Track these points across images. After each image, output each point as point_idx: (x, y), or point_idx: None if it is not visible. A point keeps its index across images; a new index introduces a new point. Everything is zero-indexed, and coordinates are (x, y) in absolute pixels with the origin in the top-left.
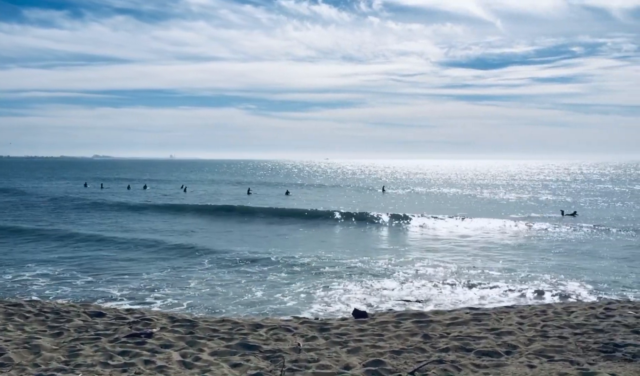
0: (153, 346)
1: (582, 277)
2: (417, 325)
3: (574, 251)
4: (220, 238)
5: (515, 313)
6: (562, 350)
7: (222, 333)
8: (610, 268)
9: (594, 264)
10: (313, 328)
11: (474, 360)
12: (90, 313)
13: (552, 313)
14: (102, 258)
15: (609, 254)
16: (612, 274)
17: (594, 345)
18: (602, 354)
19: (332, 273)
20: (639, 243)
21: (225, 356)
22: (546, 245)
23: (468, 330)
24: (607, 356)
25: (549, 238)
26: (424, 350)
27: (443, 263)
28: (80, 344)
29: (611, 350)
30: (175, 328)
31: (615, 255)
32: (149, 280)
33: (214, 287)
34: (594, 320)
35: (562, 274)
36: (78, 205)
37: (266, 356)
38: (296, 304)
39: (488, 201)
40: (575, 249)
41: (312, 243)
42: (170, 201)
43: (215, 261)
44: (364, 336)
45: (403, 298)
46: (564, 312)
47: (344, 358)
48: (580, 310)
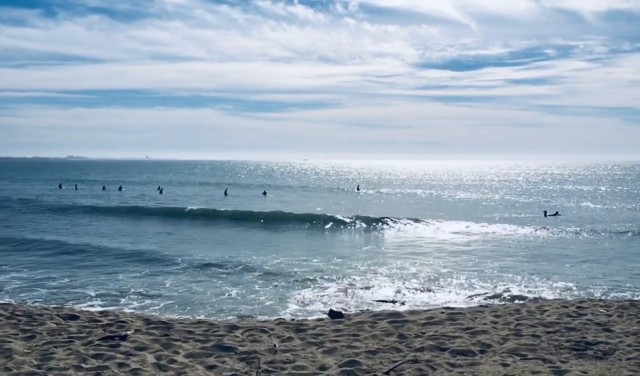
0: (127, 348)
1: (555, 276)
2: (393, 325)
3: (550, 252)
4: (195, 241)
5: (489, 312)
6: (535, 348)
7: (197, 335)
8: (583, 267)
9: (568, 263)
10: (289, 329)
11: (448, 359)
12: (64, 316)
13: (526, 312)
14: (77, 261)
15: (582, 254)
16: (584, 273)
17: (566, 343)
18: (574, 352)
19: (308, 274)
20: (611, 242)
21: (201, 358)
22: (523, 245)
23: (443, 329)
24: (578, 354)
25: (526, 239)
26: (400, 349)
27: (418, 264)
28: (53, 347)
29: (583, 347)
30: (150, 330)
31: (588, 255)
32: (124, 282)
33: (189, 289)
34: (567, 319)
35: (535, 275)
36: (50, 208)
37: (242, 357)
38: (272, 305)
39: (463, 202)
40: (551, 251)
41: (287, 245)
42: (146, 204)
43: (190, 264)
44: (339, 337)
45: (379, 298)
46: (537, 311)
47: (320, 359)
48: (553, 309)
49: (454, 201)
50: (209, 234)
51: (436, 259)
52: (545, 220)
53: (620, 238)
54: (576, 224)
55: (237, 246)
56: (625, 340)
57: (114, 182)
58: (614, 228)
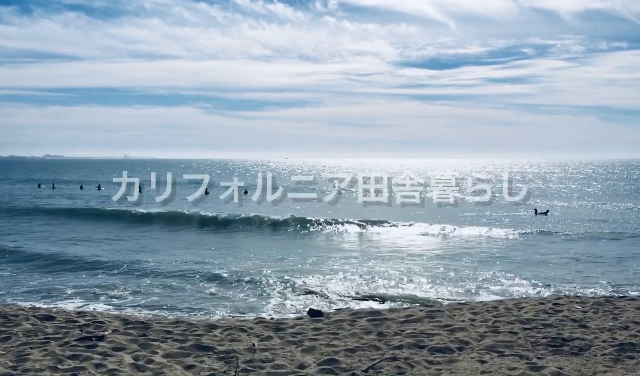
0: (104, 349)
1: (534, 273)
2: (372, 323)
3: (532, 250)
4: (171, 241)
5: (468, 309)
6: (512, 345)
7: (176, 335)
8: (562, 264)
9: (549, 261)
10: (268, 327)
11: (426, 357)
12: (40, 316)
13: (503, 309)
14: (55, 262)
15: (565, 252)
16: (561, 270)
17: (543, 339)
18: (551, 348)
19: (287, 273)
20: (595, 241)
21: (179, 358)
22: (509, 244)
23: (422, 327)
24: (555, 350)
25: (510, 238)
26: (378, 347)
27: (397, 264)
28: (28, 348)
29: (559, 344)
30: (127, 330)
31: (572, 253)
32: (103, 279)
33: (167, 289)
34: (543, 315)
35: (514, 272)
36: (28, 210)
37: (220, 357)
38: (252, 304)
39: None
40: (533, 249)
41: (267, 245)
42: (126, 206)
43: (166, 264)
44: (319, 335)
45: (359, 296)
46: (514, 308)
47: (299, 358)
48: (530, 306)
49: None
50: (186, 236)
51: (415, 259)
52: (535, 219)
53: (604, 237)
54: (563, 222)
55: (211, 247)
56: (601, 335)
57: (91, 182)
58: (600, 227)
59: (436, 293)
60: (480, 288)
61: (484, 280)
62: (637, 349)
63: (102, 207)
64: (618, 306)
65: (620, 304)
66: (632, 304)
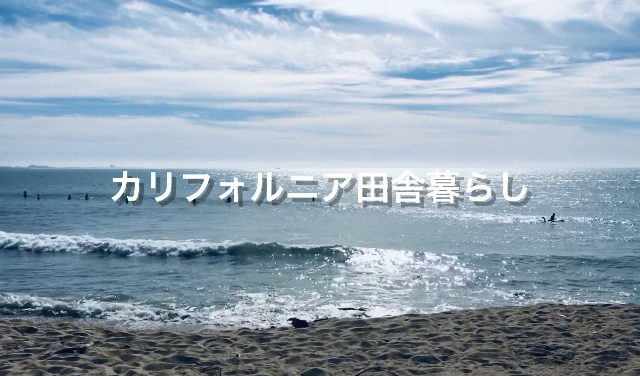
0: (86, 361)
1: (522, 282)
2: (357, 333)
3: (526, 258)
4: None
5: (452, 318)
6: (496, 354)
7: (158, 346)
8: (547, 272)
9: (534, 267)
10: (252, 338)
11: (411, 366)
12: (21, 328)
13: (488, 318)
14: (42, 271)
15: (555, 260)
16: (547, 277)
17: (527, 348)
18: (535, 357)
19: (273, 284)
20: (572, 249)
21: (161, 370)
22: (502, 245)
23: (407, 336)
24: (539, 358)
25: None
26: (363, 357)
27: (379, 277)
28: (8, 361)
29: (543, 352)
30: (110, 342)
31: (552, 260)
32: (86, 289)
33: (152, 298)
34: (528, 324)
35: (501, 282)
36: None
37: (203, 368)
38: (236, 315)
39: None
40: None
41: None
42: (114, 216)
43: (152, 275)
44: (303, 346)
45: (344, 307)
46: (499, 316)
47: (283, 368)
48: (515, 314)
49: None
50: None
51: (400, 271)
52: (545, 226)
53: (599, 245)
54: (565, 230)
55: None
56: (584, 344)
57: (78, 193)
58: (596, 235)
59: (418, 304)
60: (464, 297)
61: (470, 288)
62: (620, 357)
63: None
64: (602, 315)
65: (604, 313)
66: (616, 313)
